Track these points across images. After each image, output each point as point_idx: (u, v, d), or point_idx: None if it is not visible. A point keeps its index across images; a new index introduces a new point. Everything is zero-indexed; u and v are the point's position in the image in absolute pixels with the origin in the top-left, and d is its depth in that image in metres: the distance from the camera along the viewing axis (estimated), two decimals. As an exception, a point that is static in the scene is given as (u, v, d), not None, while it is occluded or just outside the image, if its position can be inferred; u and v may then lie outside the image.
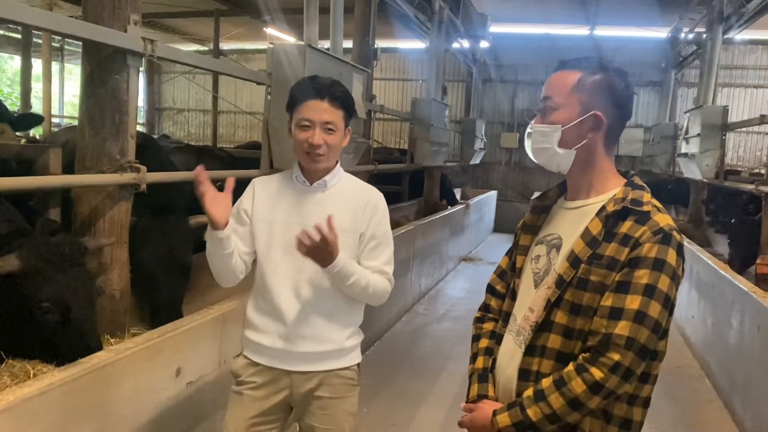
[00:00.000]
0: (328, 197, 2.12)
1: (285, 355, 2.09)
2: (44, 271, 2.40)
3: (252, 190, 2.18)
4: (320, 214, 2.04)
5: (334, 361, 2.14)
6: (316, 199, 2.12)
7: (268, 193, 2.16)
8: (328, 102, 2.04)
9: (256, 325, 2.13)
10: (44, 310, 2.37)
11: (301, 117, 2.05)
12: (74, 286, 2.46)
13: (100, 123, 2.94)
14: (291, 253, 2.03)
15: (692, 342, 5.79)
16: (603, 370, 1.49)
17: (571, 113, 1.63)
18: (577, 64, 1.66)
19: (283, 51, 4.24)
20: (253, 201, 2.15)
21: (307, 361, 2.10)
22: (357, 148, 5.38)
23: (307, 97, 2.05)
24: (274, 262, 2.09)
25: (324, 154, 2.05)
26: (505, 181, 14.48)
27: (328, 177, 2.13)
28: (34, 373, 2.41)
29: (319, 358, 2.11)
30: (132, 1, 2.94)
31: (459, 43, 11.46)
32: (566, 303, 1.60)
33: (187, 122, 16.92)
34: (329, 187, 2.13)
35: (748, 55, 12.97)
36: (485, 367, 1.79)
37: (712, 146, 7.39)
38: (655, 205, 1.62)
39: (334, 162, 2.15)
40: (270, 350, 2.10)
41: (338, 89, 2.08)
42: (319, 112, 2.03)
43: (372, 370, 4.94)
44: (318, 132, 2.03)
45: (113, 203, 3.00)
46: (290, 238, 2.02)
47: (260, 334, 2.12)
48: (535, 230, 1.81)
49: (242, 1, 10.52)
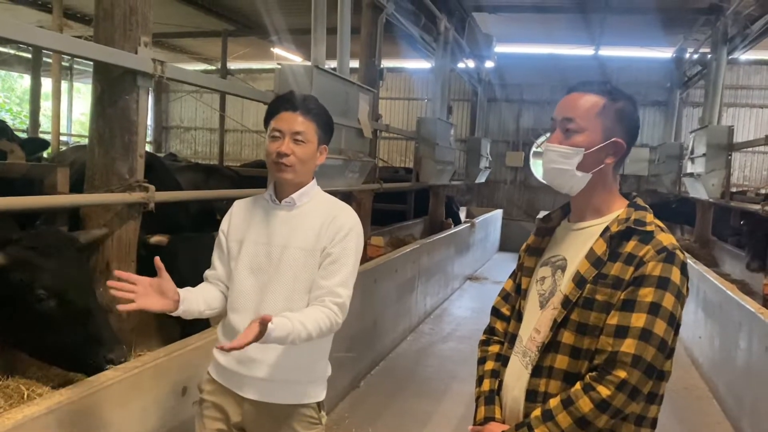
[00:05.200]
0: (296, 216, 2.05)
1: (238, 378, 2.01)
2: (31, 259, 2.40)
3: (230, 212, 2.16)
4: (286, 233, 2.02)
5: (289, 394, 2.02)
6: (283, 218, 2.05)
7: (244, 213, 2.12)
8: (300, 114, 2.01)
9: (220, 342, 2.04)
10: (40, 298, 2.36)
11: (272, 128, 2.02)
12: (65, 271, 2.45)
13: (109, 143, 2.98)
14: (255, 273, 2.01)
15: (700, 363, 5.75)
16: (610, 388, 1.50)
17: (594, 137, 1.65)
18: (599, 89, 1.68)
19: (290, 71, 4.29)
20: (230, 222, 2.12)
21: (259, 389, 2.00)
22: (363, 167, 5.41)
23: (279, 109, 2.03)
24: (239, 281, 2.03)
25: (291, 165, 1.98)
26: (511, 199, 14.48)
27: (297, 195, 2.05)
28: (28, 395, 2.40)
29: (272, 388, 2.00)
30: (143, 23, 3.00)
31: (464, 63, 11.55)
32: (572, 323, 1.62)
33: (194, 141, 17.03)
34: (298, 205, 2.06)
35: (753, 76, 13.00)
36: (492, 390, 1.79)
37: (718, 166, 7.40)
38: (659, 225, 1.64)
39: (305, 177, 2.07)
40: (227, 371, 2.03)
41: (312, 103, 2.06)
42: (289, 123, 2.00)
43: (377, 389, 4.93)
44: (287, 141, 1.98)
45: (122, 222, 3.02)
46: (256, 256, 2.01)
47: (221, 353, 2.03)
48: (540, 252, 1.82)
49: (249, 22, 10.67)
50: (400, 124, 14.14)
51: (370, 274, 5.23)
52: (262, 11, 9.26)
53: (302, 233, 2.02)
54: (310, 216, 2.05)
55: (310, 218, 2.05)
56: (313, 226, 2.03)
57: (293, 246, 2.01)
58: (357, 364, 4.97)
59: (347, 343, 4.69)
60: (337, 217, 2.05)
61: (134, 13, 2.95)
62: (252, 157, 15.03)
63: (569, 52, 12.91)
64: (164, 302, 1.88)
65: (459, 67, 11.33)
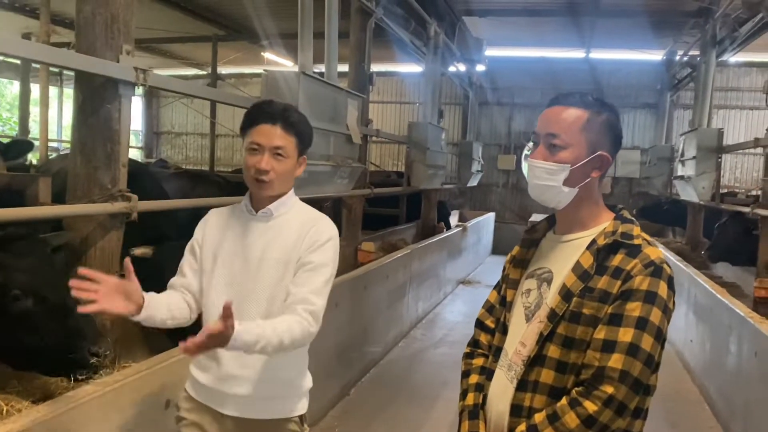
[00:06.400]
0: (272, 227, 2.00)
1: (219, 395, 1.98)
2: (2, 260, 2.35)
3: (205, 222, 2.11)
4: (262, 245, 1.98)
5: (271, 409, 2.00)
6: (260, 229, 2.00)
7: (219, 223, 2.07)
8: (280, 127, 1.95)
9: (198, 360, 2.01)
10: (16, 297, 2.31)
11: (250, 140, 1.95)
12: (39, 269, 2.41)
13: (91, 152, 2.94)
14: (232, 286, 1.96)
15: (691, 367, 5.74)
16: (597, 404, 1.48)
17: (579, 153, 1.63)
18: (582, 102, 1.66)
19: (277, 77, 4.26)
20: (204, 232, 2.07)
21: (240, 405, 1.97)
22: (352, 173, 5.38)
23: (259, 121, 1.96)
24: (216, 295, 1.97)
25: (270, 180, 1.94)
26: (503, 203, 14.47)
27: (274, 206, 2.01)
28: (7, 410, 2.35)
29: (253, 404, 1.97)
30: (125, 31, 2.96)
31: (455, 67, 11.54)
32: (559, 337, 1.60)
33: (185, 146, 16.97)
34: (275, 216, 2.01)
35: (743, 77, 13.04)
36: (476, 404, 1.77)
37: (708, 169, 7.41)
38: (645, 239, 1.63)
39: (285, 189, 2.03)
40: (206, 389, 1.99)
41: (293, 115, 2.00)
42: (269, 137, 1.93)
43: (368, 397, 4.89)
44: (266, 157, 1.93)
45: (104, 232, 2.98)
46: (232, 269, 1.97)
47: (199, 371, 2.01)
48: (525, 264, 1.80)
49: (239, 26, 10.64)
50: (392, 128, 14.13)
51: (360, 281, 5.20)
52: (252, 16, 9.24)
53: (279, 244, 1.97)
54: (287, 227, 2.01)
55: (287, 229, 2.00)
56: (290, 236, 1.98)
57: (270, 258, 1.97)
58: (347, 371, 4.94)
59: (337, 351, 4.65)
60: (315, 227, 2.01)
61: (116, 21, 2.91)
62: (244, 162, 14.97)
63: (560, 55, 12.93)
64: (126, 305, 1.80)
65: (450, 70, 11.31)
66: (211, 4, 9.62)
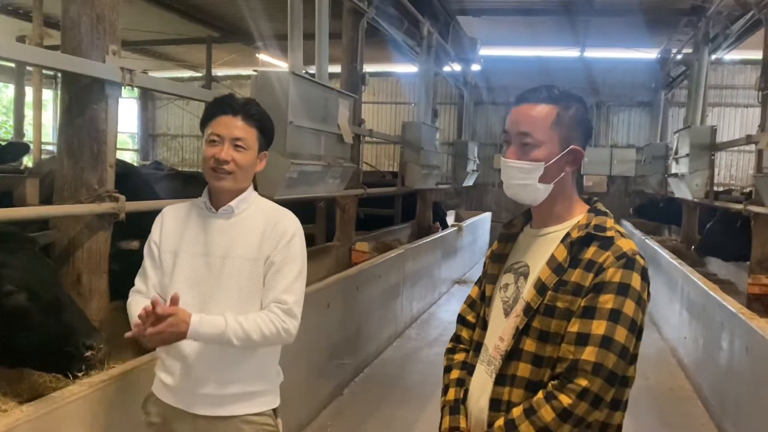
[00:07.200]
0: (234, 224, 1.98)
1: (188, 396, 1.96)
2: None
3: (161, 220, 2.07)
4: (225, 243, 1.96)
5: (243, 405, 1.98)
6: (221, 227, 1.98)
7: (176, 222, 2.03)
8: (241, 119, 1.94)
9: (163, 362, 2.01)
10: (9, 292, 2.31)
11: (210, 132, 1.95)
12: (31, 265, 2.42)
13: (78, 153, 2.93)
14: (195, 286, 1.94)
15: (685, 363, 5.74)
16: (571, 397, 1.49)
17: (552, 149, 1.63)
18: (550, 97, 1.66)
19: (268, 78, 4.24)
20: (161, 231, 2.03)
21: (211, 404, 1.95)
22: (344, 173, 5.38)
23: (218, 113, 1.96)
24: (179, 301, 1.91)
25: (231, 171, 1.93)
26: (499, 202, 14.46)
27: (235, 202, 1.98)
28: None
29: (224, 401, 1.96)
30: (111, 31, 2.95)
31: (450, 67, 11.54)
32: (534, 330, 1.60)
33: (181, 148, 16.97)
34: (237, 213, 1.99)
35: (737, 75, 13.08)
36: (457, 399, 1.78)
37: (701, 166, 7.42)
38: (618, 231, 1.63)
39: (244, 184, 2.01)
40: (174, 390, 1.97)
41: (254, 107, 1.99)
42: (229, 128, 1.93)
43: (361, 397, 4.89)
44: (226, 148, 1.92)
45: (91, 233, 2.97)
46: (194, 268, 1.95)
47: (166, 374, 1.99)
48: (503, 258, 1.80)
49: (233, 28, 10.64)
50: (387, 128, 14.13)
51: (352, 281, 5.20)
52: (246, 17, 9.23)
53: (244, 242, 1.95)
54: (249, 224, 1.99)
55: (250, 226, 1.98)
56: (254, 233, 1.97)
57: (235, 256, 1.95)
58: (340, 371, 4.93)
59: (330, 351, 4.66)
60: (279, 223, 1.99)
61: (102, 21, 2.90)
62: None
63: (555, 54, 12.95)
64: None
65: (445, 70, 11.32)
66: (205, 6, 9.62)
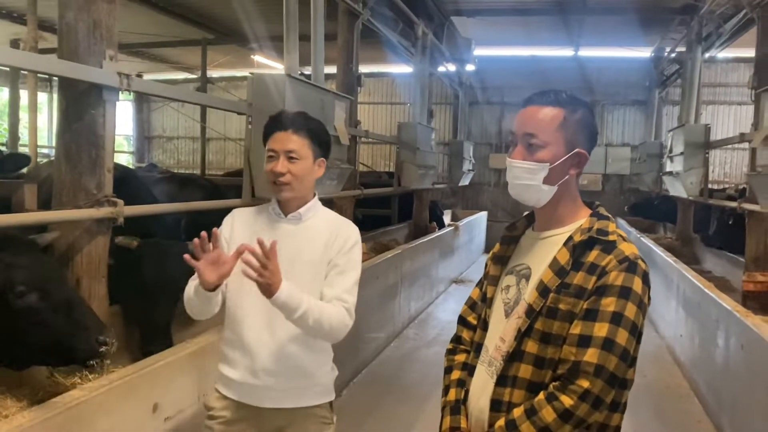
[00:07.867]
0: (302, 230, 2.12)
1: (253, 390, 2.08)
2: (2, 259, 2.39)
3: (231, 219, 2.20)
4: (293, 247, 2.07)
5: (305, 398, 2.12)
6: (289, 231, 2.11)
7: (246, 223, 2.17)
8: (291, 132, 2.08)
9: (227, 358, 2.13)
10: (21, 293, 2.35)
11: (268, 148, 2.10)
12: (39, 265, 2.47)
13: (76, 158, 2.94)
14: None
15: (681, 361, 5.77)
16: (573, 398, 1.50)
17: (557, 151, 1.65)
18: (557, 100, 1.68)
19: (263, 80, 4.25)
20: (232, 230, 2.16)
21: (275, 397, 2.08)
22: (341, 174, 5.39)
23: (273, 130, 2.11)
24: (246, 295, 2.05)
25: (288, 182, 2.06)
26: (495, 201, 14.49)
27: (303, 210, 2.13)
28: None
29: (288, 394, 2.09)
30: (108, 36, 2.96)
31: (445, 67, 11.56)
32: (536, 332, 1.62)
33: (176, 150, 16.94)
34: (304, 219, 2.13)
35: (731, 73, 13.11)
36: (457, 399, 1.79)
37: (696, 164, 7.46)
38: (621, 235, 1.65)
39: (304, 193, 2.13)
40: (239, 385, 2.09)
41: (302, 119, 2.13)
42: (282, 142, 2.07)
43: (359, 397, 4.90)
44: (281, 161, 2.05)
45: (90, 238, 2.99)
46: None
47: (230, 368, 2.11)
48: (505, 261, 1.83)
49: (228, 30, 10.62)
50: (383, 128, 14.14)
51: (350, 282, 5.20)
52: (241, 19, 9.22)
53: (311, 247, 2.09)
54: (315, 230, 2.13)
55: (316, 232, 2.12)
56: (319, 239, 2.11)
57: (302, 260, 2.07)
58: (339, 371, 4.93)
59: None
60: (342, 231, 2.14)
61: (98, 26, 2.91)
62: (236, 165, 14.94)
63: (549, 53, 12.98)
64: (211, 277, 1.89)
65: (439, 71, 11.34)
66: (200, 8, 9.61)
